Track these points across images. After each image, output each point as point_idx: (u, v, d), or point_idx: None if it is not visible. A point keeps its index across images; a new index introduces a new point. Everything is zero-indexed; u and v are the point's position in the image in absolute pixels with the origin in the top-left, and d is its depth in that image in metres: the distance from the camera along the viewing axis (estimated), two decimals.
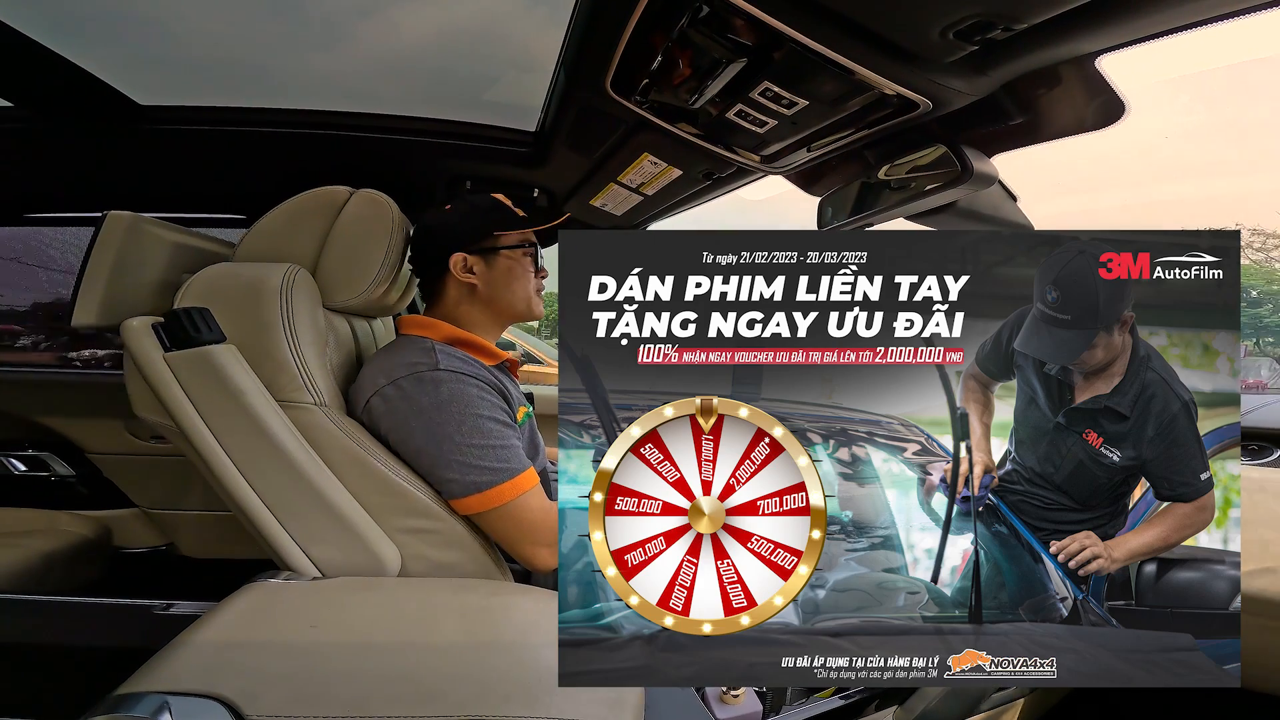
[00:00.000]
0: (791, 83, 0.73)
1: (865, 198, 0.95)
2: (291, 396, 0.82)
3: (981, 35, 0.56)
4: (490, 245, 0.98)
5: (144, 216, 0.94)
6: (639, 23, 0.70)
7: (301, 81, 1.12)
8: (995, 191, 0.87)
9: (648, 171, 1.15)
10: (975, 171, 0.76)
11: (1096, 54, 0.61)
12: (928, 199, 0.84)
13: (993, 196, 0.87)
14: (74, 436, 1.53)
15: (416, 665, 0.58)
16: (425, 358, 0.87)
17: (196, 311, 0.79)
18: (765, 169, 1.02)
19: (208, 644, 0.60)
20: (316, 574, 0.77)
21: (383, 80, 1.10)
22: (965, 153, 0.77)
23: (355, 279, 0.95)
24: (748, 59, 0.71)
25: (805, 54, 0.66)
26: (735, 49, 0.70)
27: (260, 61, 1.05)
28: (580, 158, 1.17)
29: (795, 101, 0.76)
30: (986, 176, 0.78)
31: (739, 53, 0.70)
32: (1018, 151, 0.79)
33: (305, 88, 1.14)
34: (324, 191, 1.00)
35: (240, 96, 1.16)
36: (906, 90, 0.68)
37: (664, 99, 0.87)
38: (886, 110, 0.74)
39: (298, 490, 0.77)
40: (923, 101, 0.70)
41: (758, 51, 0.70)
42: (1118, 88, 0.65)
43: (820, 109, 0.77)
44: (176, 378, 0.76)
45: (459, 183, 1.36)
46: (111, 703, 0.51)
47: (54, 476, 1.54)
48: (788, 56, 0.67)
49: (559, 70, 0.95)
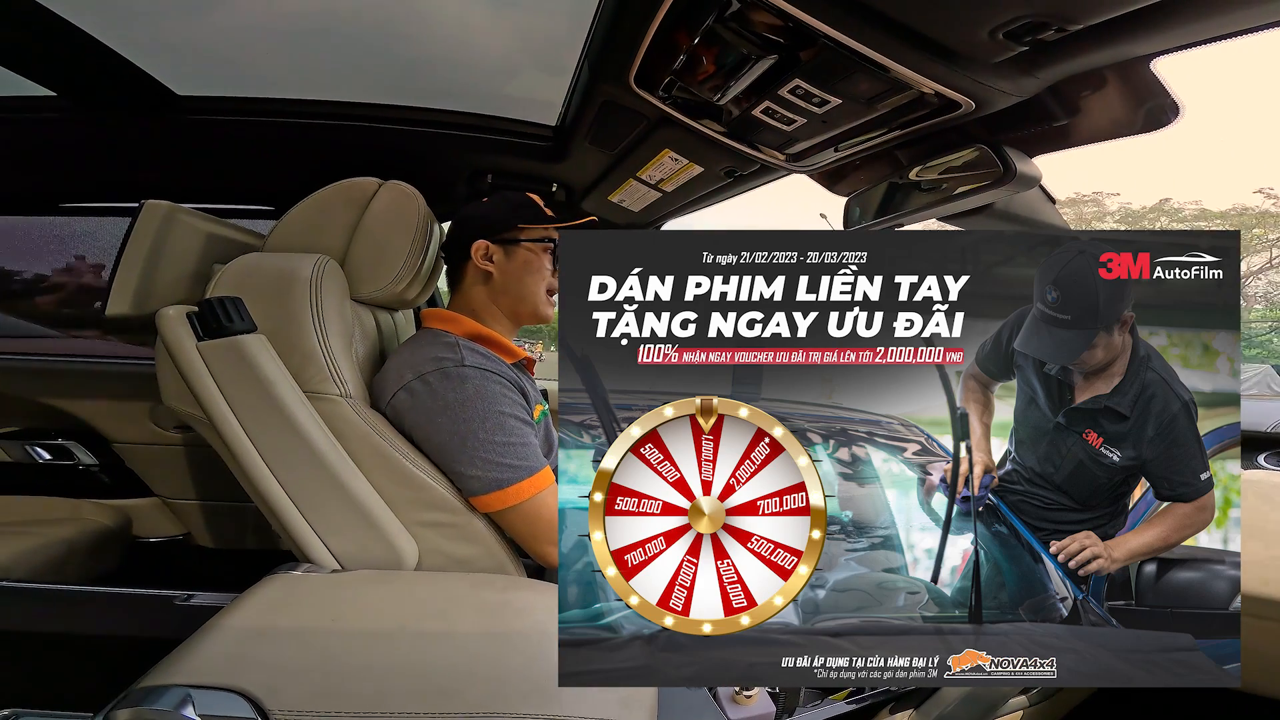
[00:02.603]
0: (825, 81, 0.71)
1: (894, 198, 0.93)
2: (318, 387, 0.82)
3: (1033, 36, 0.54)
4: (512, 237, 1.00)
5: (180, 206, 0.95)
6: (666, 16, 0.69)
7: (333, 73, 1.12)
8: (1034, 194, 0.85)
9: (668, 168, 1.15)
10: (1019, 173, 0.74)
11: (1151, 56, 0.59)
12: (966, 200, 0.82)
13: (1030, 200, 0.86)
14: (100, 425, 1.54)
15: (434, 661, 0.58)
16: (450, 353, 0.88)
17: (230, 301, 0.80)
18: (790, 167, 1.00)
19: (230, 637, 0.61)
20: (336, 566, 0.78)
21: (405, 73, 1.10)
22: (1008, 153, 0.75)
23: (382, 271, 0.96)
24: (778, 56, 0.69)
25: (841, 52, 0.64)
26: (765, 45, 0.68)
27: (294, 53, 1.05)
28: (600, 153, 1.17)
29: (827, 100, 0.75)
30: (1029, 178, 0.76)
31: (769, 49, 0.69)
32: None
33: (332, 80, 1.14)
34: (353, 183, 1.00)
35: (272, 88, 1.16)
36: (949, 90, 0.66)
37: (689, 95, 0.86)
38: (924, 110, 0.72)
39: (321, 482, 0.77)
40: (965, 102, 0.68)
41: (789, 48, 0.68)
42: (1172, 90, 0.63)
43: (854, 108, 0.75)
44: (208, 367, 0.77)
45: (480, 176, 1.36)
46: (136, 695, 0.52)
47: (80, 465, 1.55)
48: (822, 54, 0.66)
49: (582, 64, 0.95)
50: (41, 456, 1.55)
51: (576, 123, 1.08)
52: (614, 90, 0.91)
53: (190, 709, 0.51)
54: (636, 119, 0.98)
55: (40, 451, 1.55)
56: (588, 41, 0.89)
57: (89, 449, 1.56)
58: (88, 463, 1.55)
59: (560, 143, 1.22)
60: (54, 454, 1.55)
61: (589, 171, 1.28)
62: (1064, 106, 0.71)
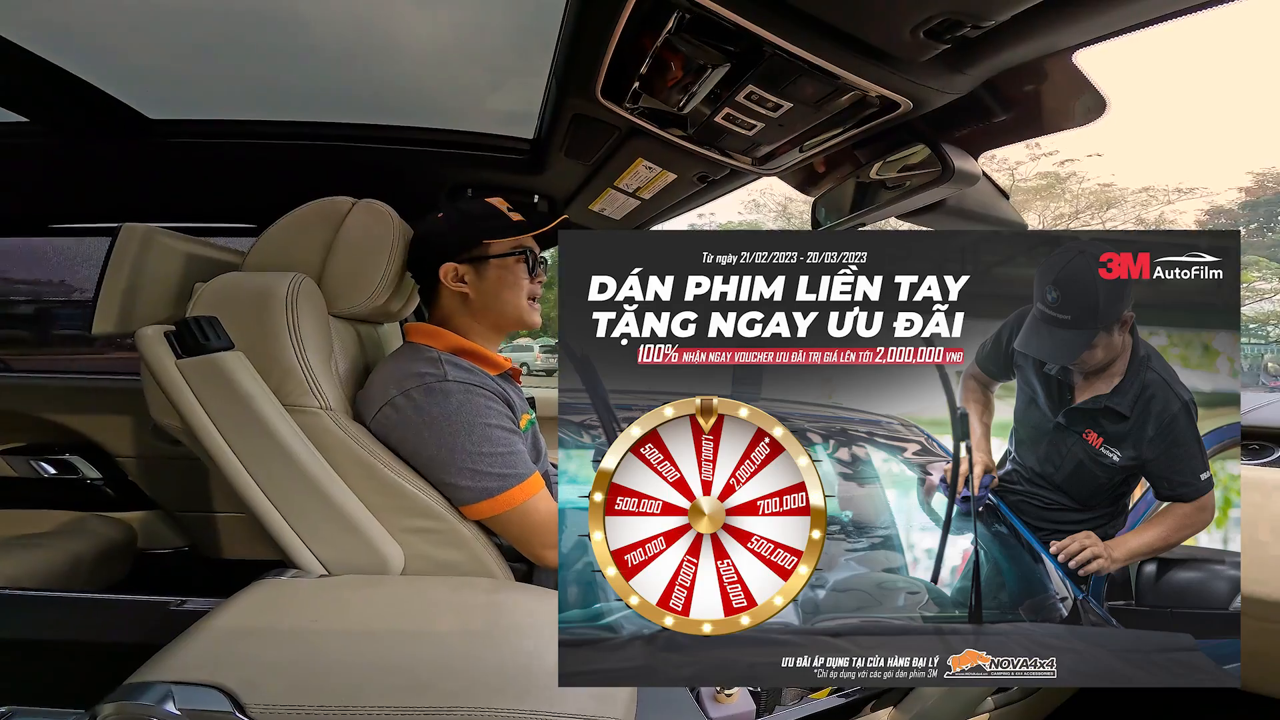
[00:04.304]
0: (774, 85, 0.73)
1: (858, 197, 0.95)
2: (298, 401, 0.84)
3: (952, 33, 0.57)
4: (480, 254, 0.97)
5: (157, 228, 0.97)
6: (625, 30, 0.70)
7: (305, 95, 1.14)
8: (986, 189, 0.87)
9: (643, 176, 1.15)
10: (957, 170, 0.76)
11: (1072, 49, 0.61)
12: (916, 198, 0.84)
13: (983, 194, 0.88)
14: (102, 440, 1.56)
15: (411, 658, 0.59)
16: (433, 368, 0.88)
17: (206, 320, 0.81)
18: (758, 170, 1.02)
19: (213, 636, 0.63)
20: (323, 572, 0.79)
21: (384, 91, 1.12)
22: (947, 151, 0.77)
23: (358, 287, 0.97)
24: (730, 63, 0.71)
25: (784, 56, 0.66)
26: (717, 54, 0.70)
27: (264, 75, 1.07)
28: (577, 164, 1.18)
29: (780, 104, 0.77)
30: (969, 175, 0.79)
31: (722, 57, 0.71)
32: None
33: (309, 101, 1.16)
34: (327, 202, 1.02)
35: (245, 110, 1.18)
36: (885, 90, 0.69)
37: (654, 104, 0.87)
38: (870, 110, 0.75)
39: (304, 491, 0.78)
40: (903, 101, 0.70)
41: (739, 55, 0.70)
42: (1097, 83, 0.65)
43: (804, 110, 0.78)
44: (188, 383, 0.78)
45: (461, 191, 1.37)
46: (122, 691, 0.54)
47: (88, 480, 1.56)
48: (768, 59, 0.68)
49: (551, 78, 0.96)
50: (46, 471, 1.56)
51: (551, 135, 1.09)
52: (582, 103, 0.92)
53: (171, 704, 0.53)
54: (608, 130, 0.99)
55: (45, 466, 1.56)
56: (554, 56, 0.90)
57: (92, 463, 1.57)
58: (92, 477, 1.56)
59: (537, 155, 1.22)
60: (58, 468, 1.56)
61: (568, 182, 1.29)
62: (1001, 102, 0.73)
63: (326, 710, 0.53)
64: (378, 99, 1.14)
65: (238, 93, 1.13)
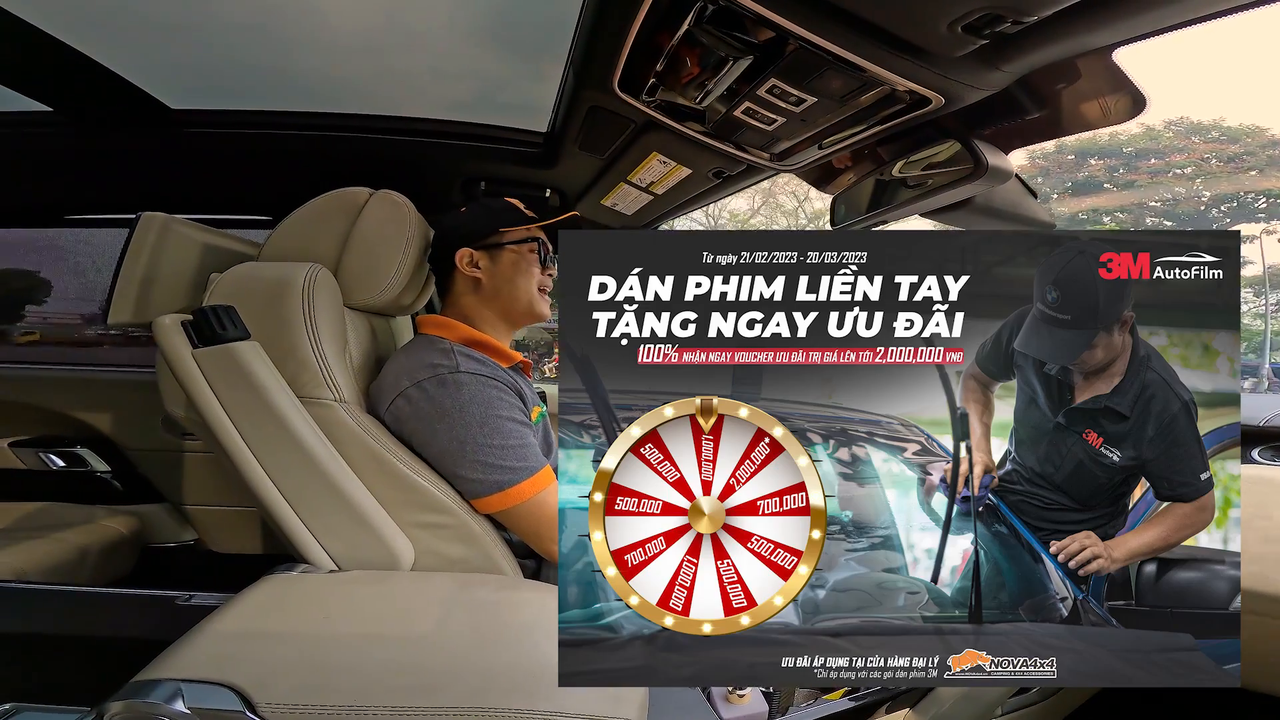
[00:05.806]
0: (799, 79, 0.72)
1: (879, 195, 0.94)
2: (312, 393, 0.83)
3: (991, 29, 0.56)
4: (496, 241, 1.00)
5: (175, 218, 0.97)
6: (645, 21, 0.70)
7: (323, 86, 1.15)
8: (1014, 187, 0.86)
9: (657, 171, 1.15)
10: (990, 166, 0.75)
11: (1112, 47, 0.60)
12: (943, 195, 0.83)
13: (1011, 193, 0.86)
14: (112, 433, 1.56)
15: (421, 658, 0.59)
16: (446, 359, 0.88)
17: (223, 309, 0.81)
18: (776, 167, 1.01)
19: (223, 633, 0.62)
20: (333, 567, 0.79)
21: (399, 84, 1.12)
22: (978, 148, 0.75)
23: (374, 279, 0.97)
24: (754, 56, 0.70)
25: (812, 50, 0.65)
26: (741, 46, 0.69)
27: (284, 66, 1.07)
28: (590, 157, 1.18)
29: (803, 98, 0.76)
30: (1002, 172, 0.77)
31: (745, 50, 0.70)
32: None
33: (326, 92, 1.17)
34: (345, 193, 1.02)
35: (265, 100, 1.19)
36: (917, 86, 0.67)
37: (671, 98, 0.87)
38: (898, 106, 0.73)
39: (316, 485, 0.78)
40: (934, 97, 0.69)
41: (764, 48, 0.69)
42: (1137, 81, 0.64)
43: (829, 105, 0.76)
44: (203, 373, 0.78)
45: (473, 184, 1.38)
46: (130, 689, 0.53)
47: (97, 472, 1.56)
48: (794, 53, 0.67)
49: (567, 70, 0.96)
50: (55, 463, 1.56)
51: (565, 128, 1.09)
52: (599, 95, 0.92)
53: (180, 702, 0.52)
54: (623, 123, 0.99)
55: (54, 458, 1.56)
56: (571, 48, 0.90)
57: (101, 456, 1.57)
58: (100, 469, 1.56)
59: (551, 148, 1.23)
60: (67, 461, 1.56)
61: (581, 176, 1.29)
62: (1035, 99, 0.71)
63: (337, 710, 0.52)
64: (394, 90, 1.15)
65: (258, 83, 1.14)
